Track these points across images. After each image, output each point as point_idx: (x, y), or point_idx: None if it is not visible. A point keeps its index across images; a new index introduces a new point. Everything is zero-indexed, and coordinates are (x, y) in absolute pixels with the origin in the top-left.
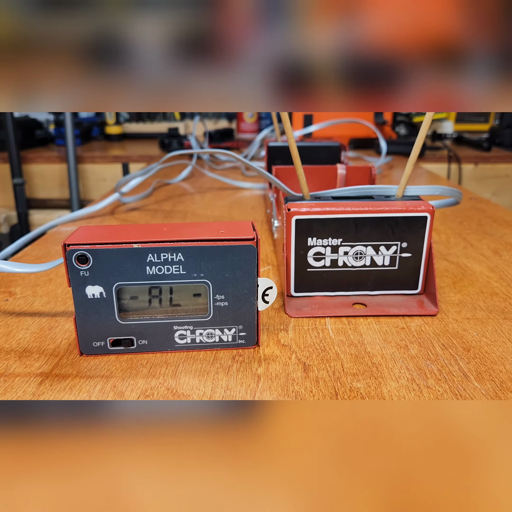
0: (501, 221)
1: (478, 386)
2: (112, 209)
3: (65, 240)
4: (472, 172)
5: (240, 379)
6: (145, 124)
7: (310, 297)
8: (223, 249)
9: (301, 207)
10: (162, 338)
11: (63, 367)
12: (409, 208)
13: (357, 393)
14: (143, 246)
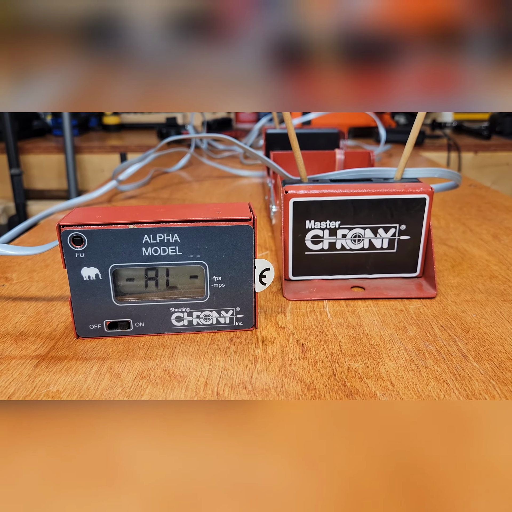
0: (501, 206)
1: (477, 366)
2: (110, 197)
3: (59, 221)
4: (472, 160)
5: (238, 360)
6: (143, 114)
7: (308, 280)
8: (219, 230)
9: (298, 189)
10: (159, 320)
11: (59, 349)
12: (408, 190)
13: (355, 373)
14: (139, 227)
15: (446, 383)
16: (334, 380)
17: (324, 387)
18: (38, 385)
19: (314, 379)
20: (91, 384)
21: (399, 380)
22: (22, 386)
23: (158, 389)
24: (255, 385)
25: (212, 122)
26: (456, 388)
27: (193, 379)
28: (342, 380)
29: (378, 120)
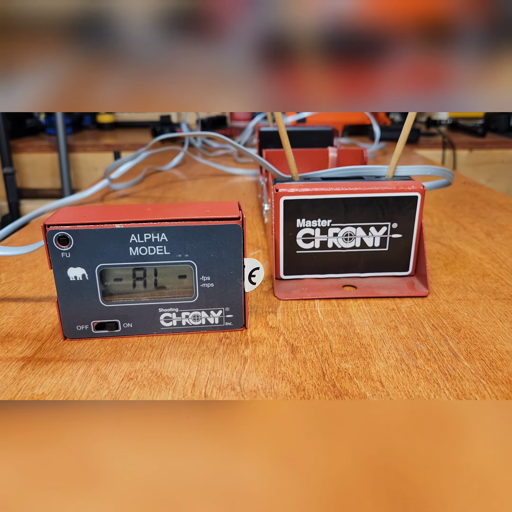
0: (495, 204)
1: (468, 366)
2: (102, 196)
3: (45, 221)
4: (466, 158)
5: (227, 361)
6: (137, 112)
7: (300, 279)
8: (207, 229)
9: (289, 187)
10: (147, 321)
11: (46, 351)
12: (399, 188)
13: (345, 373)
14: (126, 226)
15: (437, 383)
16: (323, 381)
17: (313, 388)
18: (23, 388)
19: (303, 380)
20: (77, 386)
21: (389, 380)
22: (7, 389)
23: (145, 391)
24: (243, 386)
25: (206, 120)
26: (447, 388)
27: (180, 381)
28: (332, 381)
29: (373, 118)
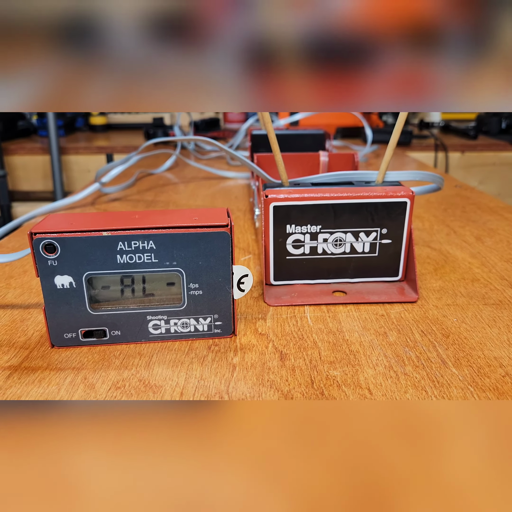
0: (485, 207)
1: (456, 372)
2: (93, 200)
3: (31, 229)
4: (459, 160)
5: (215, 369)
6: (130, 115)
7: (290, 285)
8: (195, 236)
9: (279, 193)
10: (136, 328)
11: (33, 359)
12: (389, 193)
13: (333, 381)
14: (113, 234)
15: (425, 390)
16: (312, 389)
17: (301, 396)
18: (9, 397)
19: (291, 387)
20: (64, 396)
21: (377, 388)
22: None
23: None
24: (231, 394)
25: (200, 123)
26: (435, 395)
27: (168, 389)
28: (320, 389)
29: (365, 120)
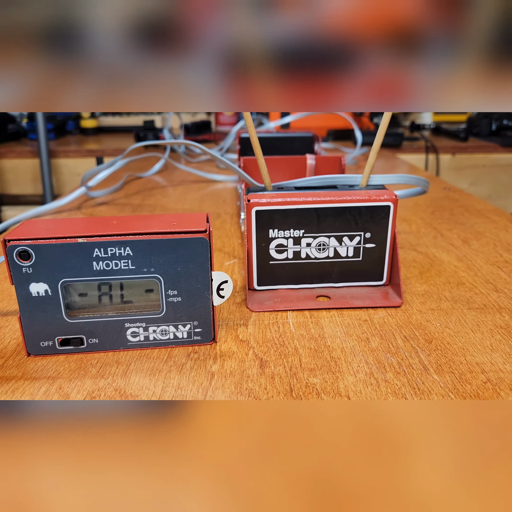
0: (473, 210)
1: (437, 379)
2: (80, 204)
3: (5, 236)
4: (449, 162)
5: (193, 377)
6: (121, 117)
7: (273, 290)
8: (173, 242)
9: (261, 198)
10: (114, 336)
11: (8, 368)
12: (372, 197)
13: (313, 389)
14: (89, 240)
15: (405, 397)
16: (290, 397)
17: None
18: None
19: (270, 396)
20: None
21: (357, 395)
22: None
23: None
24: None
25: (190, 125)
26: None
27: (144, 399)
28: (299, 397)
29: (354, 123)
